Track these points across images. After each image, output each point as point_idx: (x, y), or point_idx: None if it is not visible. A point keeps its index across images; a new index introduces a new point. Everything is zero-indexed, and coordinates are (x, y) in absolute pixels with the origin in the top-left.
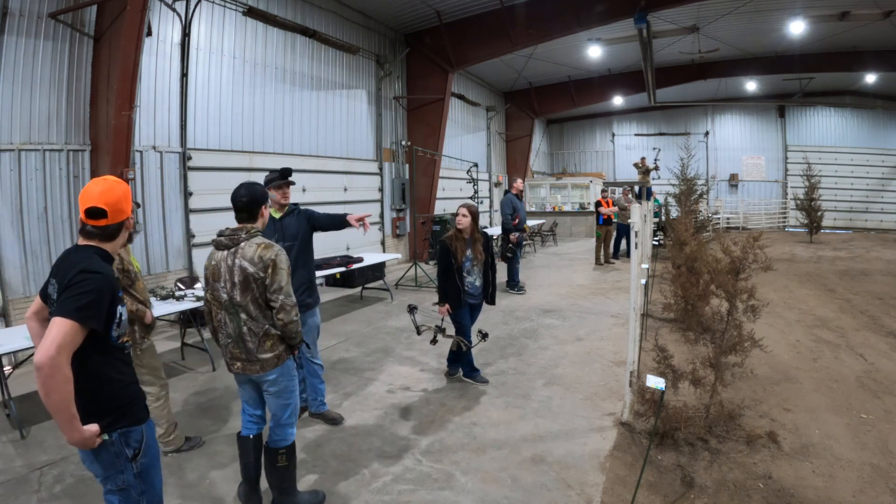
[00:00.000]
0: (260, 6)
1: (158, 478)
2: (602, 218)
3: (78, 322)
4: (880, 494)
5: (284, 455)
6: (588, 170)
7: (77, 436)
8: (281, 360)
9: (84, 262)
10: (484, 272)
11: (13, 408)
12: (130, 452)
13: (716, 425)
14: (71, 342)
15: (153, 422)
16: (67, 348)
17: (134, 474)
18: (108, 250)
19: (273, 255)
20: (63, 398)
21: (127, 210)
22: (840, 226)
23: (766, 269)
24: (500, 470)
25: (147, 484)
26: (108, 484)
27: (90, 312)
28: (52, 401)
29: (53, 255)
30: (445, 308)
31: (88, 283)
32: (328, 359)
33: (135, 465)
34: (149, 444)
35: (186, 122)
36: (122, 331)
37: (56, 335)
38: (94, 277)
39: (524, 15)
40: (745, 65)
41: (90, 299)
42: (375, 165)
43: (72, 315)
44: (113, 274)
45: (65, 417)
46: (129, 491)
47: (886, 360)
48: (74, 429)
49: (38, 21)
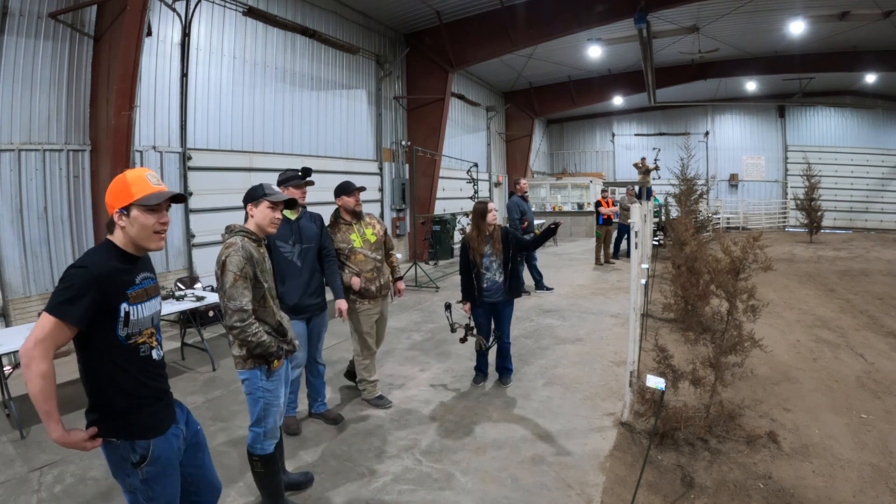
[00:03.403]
0: (260, 6)
1: (172, 488)
2: (602, 218)
3: (55, 317)
4: (880, 494)
5: (258, 462)
6: (588, 170)
7: (54, 434)
8: (247, 363)
9: (80, 257)
10: (505, 264)
11: (13, 408)
12: (136, 458)
13: (716, 425)
14: (49, 337)
15: (177, 431)
16: (44, 342)
17: (140, 480)
18: (120, 246)
19: (225, 255)
20: (35, 391)
21: (112, 204)
22: (840, 226)
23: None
24: (500, 470)
25: (155, 492)
26: (120, 483)
27: (68, 308)
28: (29, 391)
29: (53, 255)
30: (468, 306)
31: (70, 279)
32: (328, 359)
33: (140, 472)
34: (158, 457)
35: (186, 122)
36: (133, 330)
37: (36, 328)
38: (77, 273)
39: (524, 15)
40: (745, 65)
41: (69, 295)
42: (375, 165)
43: (51, 310)
44: (111, 269)
45: (40, 410)
46: (136, 495)
47: (886, 360)
48: (50, 427)
49: (38, 21)
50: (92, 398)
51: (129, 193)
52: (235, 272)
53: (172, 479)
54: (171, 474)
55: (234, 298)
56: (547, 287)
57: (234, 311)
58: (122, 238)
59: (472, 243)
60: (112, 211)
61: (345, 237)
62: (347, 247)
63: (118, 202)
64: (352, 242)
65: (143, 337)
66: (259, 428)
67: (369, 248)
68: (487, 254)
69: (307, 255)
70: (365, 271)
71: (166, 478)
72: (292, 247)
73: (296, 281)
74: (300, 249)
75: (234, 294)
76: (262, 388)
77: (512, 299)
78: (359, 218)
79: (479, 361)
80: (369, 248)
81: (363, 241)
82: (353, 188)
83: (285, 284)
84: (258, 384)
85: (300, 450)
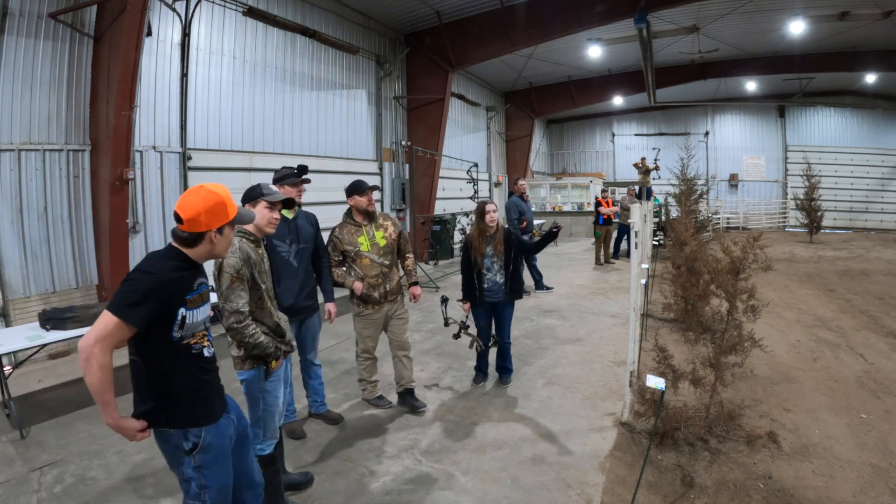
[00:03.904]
0: (260, 6)
1: (225, 476)
2: (602, 218)
3: (118, 318)
4: (880, 494)
5: (258, 462)
6: (588, 170)
7: (110, 420)
8: (246, 364)
9: (146, 261)
10: (506, 266)
11: (13, 408)
12: (188, 446)
13: (716, 425)
14: (110, 335)
15: (227, 421)
16: (105, 340)
17: (193, 467)
18: (190, 255)
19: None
20: (94, 382)
21: (207, 223)
22: (840, 226)
23: (766, 269)
24: (500, 470)
25: (208, 479)
26: (175, 472)
27: (132, 311)
28: (87, 382)
29: (53, 255)
30: (468, 305)
31: (136, 283)
32: (328, 359)
33: (193, 459)
34: (210, 444)
35: (186, 122)
36: (187, 332)
37: (98, 325)
38: (143, 277)
39: (524, 15)
40: (745, 65)
41: (134, 298)
42: (375, 165)
43: (115, 310)
44: (176, 276)
45: (98, 400)
46: (190, 483)
47: (886, 360)
48: (108, 413)
49: (38, 21)
50: (143, 391)
51: (226, 214)
52: (232, 274)
53: (225, 467)
54: (224, 462)
55: (230, 300)
56: (547, 287)
57: (231, 313)
58: (199, 251)
59: (474, 243)
60: (207, 229)
61: (352, 239)
62: (354, 250)
63: (217, 222)
64: (358, 246)
65: (196, 338)
66: (258, 428)
67: (377, 252)
68: (489, 254)
69: (303, 255)
70: (369, 276)
71: (219, 465)
72: (289, 246)
73: (292, 281)
74: (297, 249)
75: (231, 296)
76: (261, 388)
77: (512, 300)
78: (371, 219)
79: (479, 361)
80: (377, 253)
81: (371, 245)
82: (366, 187)
83: (281, 285)
84: (257, 385)
85: (300, 450)
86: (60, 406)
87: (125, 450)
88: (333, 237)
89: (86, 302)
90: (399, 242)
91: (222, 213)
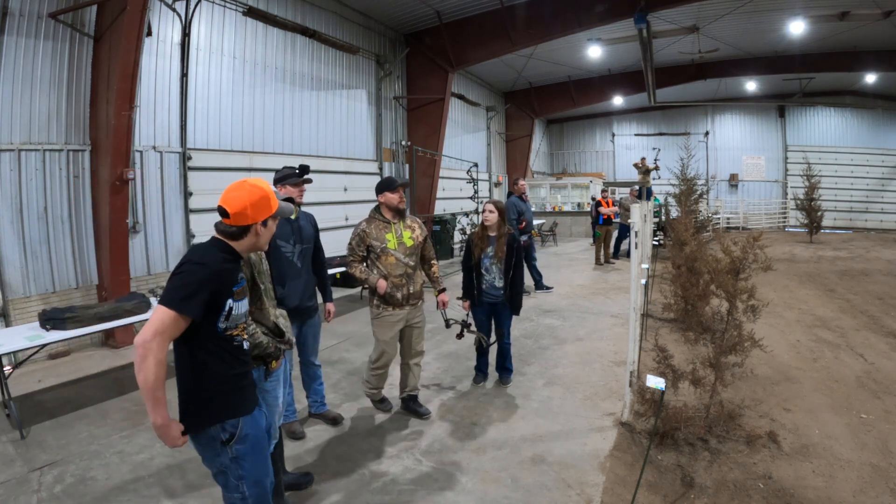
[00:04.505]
0: (260, 6)
1: (262, 467)
2: (602, 218)
3: (175, 311)
4: (880, 494)
5: None
6: (588, 170)
7: (158, 419)
8: None
9: (196, 253)
10: (506, 272)
11: (13, 408)
12: (225, 436)
13: (716, 425)
14: (168, 329)
15: (261, 414)
16: (163, 335)
17: (230, 458)
18: (235, 248)
19: None
20: (148, 378)
21: (254, 216)
22: (840, 226)
23: (766, 269)
24: (500, 470)
25: (246, 470)
26: (210, 467)
27: (188, 302)
28: (139, 379)
29: (53, 255)
30: (467, 304)
31: (189, 275)
32: (328, 359)
33: (230, 450)
34: (247, 434)
35: (186, 122)
36: (231, 324)
37: (154, 321)
38: (196, 269)
39: (524, 15)
40: (744, 65)
41: (190, 290)
42: (375, 165)
43: (171, 304)
44: (226, 268)
45: (148, 397)
46: (227, 475)
47: (886, 360)
48: (157, 412)
49: (38, 21)
50: (184, 385)
51: (270, 207)
52: None
53: (262, 457)
54: (260, 452)
55: None
56: (547, 287)
57: None
58: (245, 243)
59: (475, 240)
60: (253, 222)
61: (380, 235)
62: (380, 246)
63: (262, 215)
64: (386, 242)
65: (238, 330)
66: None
67: (403, 251)
68: (489, 255)
69: (305, 255)
70: (393, 276)
71: (255, 455)
72: (293, 247)
73: (295, 282)
74: (300, 250)
75: None
76: (261, 388)
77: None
78: (401, 216)
79: (479, 361)
80: (403, 252)
81: (398, 244)
82: (397, 184)
83: (285, 286)
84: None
85: (300, 450)
86: (60, 406)
87: (125, 450)
88: (360, 231)
89: (86, 302)
90: (424, 246)
91: (266, 207)
